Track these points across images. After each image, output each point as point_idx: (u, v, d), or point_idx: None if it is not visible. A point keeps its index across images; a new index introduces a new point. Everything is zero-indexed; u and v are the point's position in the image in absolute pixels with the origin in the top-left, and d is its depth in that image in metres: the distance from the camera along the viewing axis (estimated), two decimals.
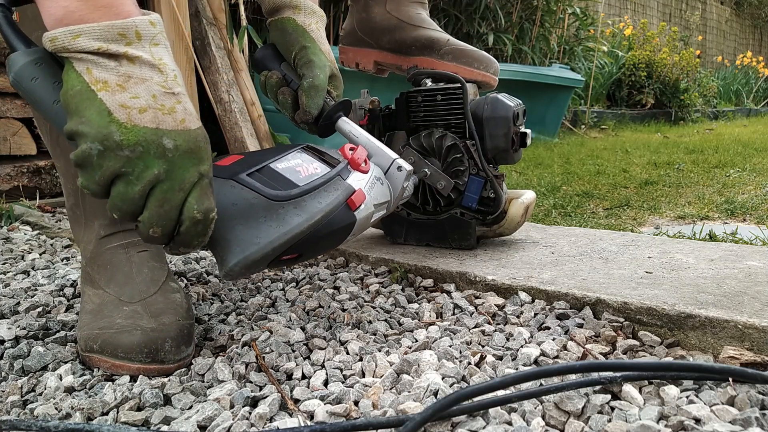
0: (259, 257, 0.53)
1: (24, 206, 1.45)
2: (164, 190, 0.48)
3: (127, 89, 0.46)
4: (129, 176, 0.47)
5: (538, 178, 1.99)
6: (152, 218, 0.48)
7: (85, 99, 0.46)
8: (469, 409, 0.49)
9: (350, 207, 0.62)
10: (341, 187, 0.61)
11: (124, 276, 0.69)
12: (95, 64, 0.46)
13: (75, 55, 0.46)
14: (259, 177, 0.57)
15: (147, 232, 0.49)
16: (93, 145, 0.45)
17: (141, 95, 0.47)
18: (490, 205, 0.90)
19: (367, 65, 1.08)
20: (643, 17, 7.30)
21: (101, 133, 0.45)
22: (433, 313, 0.74)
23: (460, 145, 0.89)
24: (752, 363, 0.56)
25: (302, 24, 0.76)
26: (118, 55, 0.46)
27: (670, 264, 0.80)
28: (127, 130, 0.46)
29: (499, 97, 0.89)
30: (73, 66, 0.46)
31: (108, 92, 0.46)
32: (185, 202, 0.49)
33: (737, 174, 2.01)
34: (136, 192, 0.47)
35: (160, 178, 0.47)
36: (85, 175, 0.47)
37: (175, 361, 0.61)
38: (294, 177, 0.59)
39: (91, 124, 0.45)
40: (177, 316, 0.65)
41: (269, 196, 0.55)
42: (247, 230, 0.53)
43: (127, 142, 0.45)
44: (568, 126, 3.81)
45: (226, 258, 0.53)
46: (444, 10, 3.05)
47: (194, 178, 0.49)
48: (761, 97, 6.78)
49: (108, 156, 0.46)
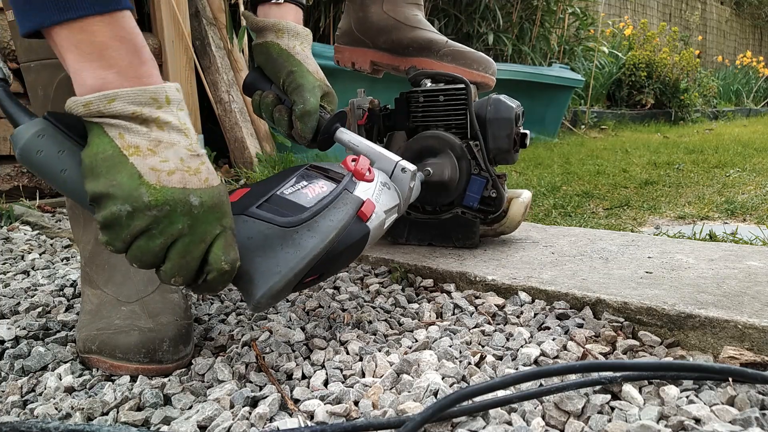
0: (283, 285, 0.54)
1: (24, 206, 1.45)
2: (186, 243, 0.50)
3: (158, 153, 0.48)
4: (152, 231, 0.48)
5: (538, 178, 1.99)
6: (174, 269, 0.50)
7: (117, 163, 0.47)
8: (469, 410, 0.49)
9: (361, 219, 0.62)
10: (349, 200, 0.62)
11: (121, 275, 0.69)
12: (127, 130, 0.48)
13: (107, 120, 0.48)
14: (269, 207, 0.58)
15: (169, 281, 0.51)
16: (123, 207, 0.47)
17: (170, 159, 0.49)
18: (492, 204, 0.90)
19: (364, 65, 1.08)
20: (643, 17, 7.30)
21: (131, 195, 0.47)
22: (433, 313, 0.74)
23: (463, 146, 0.89)
24: (752, 363, 0.56)
25: (286, 48, 0.77)
26: (150, 120, 0.49)
27: (670, 264, 0.80)
28: (156, 191, 0.47)
29: (501, 98, 0.89)
30: (104, 131, 0.48)
31: (139, 156, 0.48)
32: (209, 253, 0.51)
33: (737, 174, 2.01)
34: (157, 245, 0.49)
35: (183, 232, 0.49)
36: (111, 234, 0.49)
37: (173, 361, 0.61)
38: (302, 200, 0.59)
39: (122, 187, 0.47)
40: (175, 315, 0.65)
41: (281, 224, 0.56)
42: (267, 261, 0.54)
43: (155, 202, 0.47)
44: (568, 126, 3.81)
45: (252, 292, 0.54)
46: (444, 10, 3.05)
47: (217, 231, 0.51)
48: (761, 97, 6.78)
49: (137, 216, 0.47)
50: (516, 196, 0.94)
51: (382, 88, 1.94)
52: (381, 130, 0.95)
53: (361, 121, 0.94)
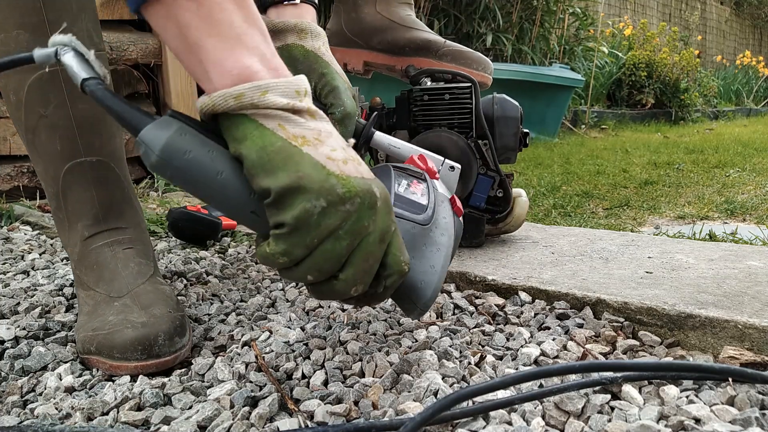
0: (441, 283, 0.53)
1: (24, 206, 1.45)
2: (370, 243, 0.43)
3: (324, 143, 0.43)
4: (338, 231, 0.42)
5: (538, 178, 1.99)
6: (357, 275, 0.44)
7: (294, 154, 0.41)
8: (470, 411, 0.49)
9: (457, 214, 0.61)
10: (442, 198, 0.60)
11: (110, 273, 0.69)
12: (286, 120, 0.42)
13: (262, 112, 0.41)
14: (401, 206, 0.55)
15: (348, 292, 0.45)
16: (316, 203, 0.40)
17: (337, 147, 0.43)
18: (499, 204, 0.90)
19: (357, 66, 1.07)
20: (643, 17, 7.30)
21: (324, 187, 0.41)
22: (433, 313, 0.74)
23: (472, 145, 0.89)
24: (752, 363, 0.56)
25: (312, 49, 0.72)
26: (303, 110, 0.43)
27: (670, 264, 0.80)
28: (346, 181, 0.41)
29: (506, 97, 0.89)
30: (260, 123, 0.41)
31: (311, 147, 0.42)
32: (387, 255, 0.46)
33: (737, 174, 2.01)
34: (344, 248, 0.42)
35: (369, 230, 0.43)
36: (293, 239, 0.41)
37: (171, 353, 0.61)
38: (416, 198, 0.57)
39: (311, 178, 0.40)
40: (168, 307, 0.65)
41: (420, 222, 0.54)
42: (421, 261, 0.52)
43: (349, 194, 0.41)
44: (568, 126, 3.81)
45: (417, 296, 0.51)
46: (444, 10, 3.05)
47: (392, 227, 0.45)
48: (761, 97, 6.78)
49: (330, 213, 0.41)
50: (518, 195, 0.94)
51: (382, 88, 1.94)
52: (384, 129, 0.94)
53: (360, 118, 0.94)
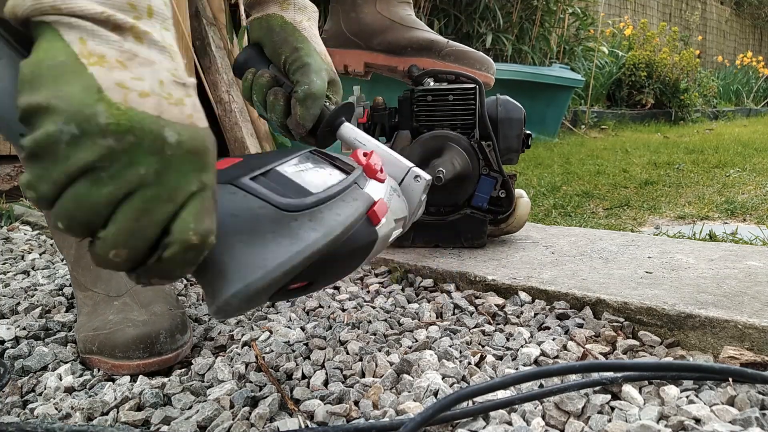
0: (265, 285, 0.41)
1: (24, 206, 1.45)
2: (147, 197, 0.34)
3: (129, 68, 0.34)
4: (100, 173, 0.33)
5: (538, 178, 1.99)
6: (119, 235, 0.34)
7: (69, 72, 0.33)
8: (470, 411, 0.49)
9: (371, 221, 0.51)
10: (360, 197, 0.50)
11: (108, 272, 0.68)
12: (92, 35, 0.34)
13: (64, 19, 0.33)
14: (265, 182, 0.45)
15: (106, 254, 0.35)
16: (65, 127, 0.32)
17: (145, 78, 0.35)
18: (501, 204, 0.90)
19: (357, 67, 1.06)
20: (643, 17, 7.30)
21: (81, 111, 0.32)
22: (433, 313, 0.74)
23: (475, 146, 0.89)
24: (752, 363, 0.56)
25: (292, 21, 0.67)
26: (125, 27, 0.35)
27: (670, 264, 0.80)
28: (120, 113, 0.33)
29: (509, 98, 0.89)
30: (58, 33, 0.33)
31: (103, 68, 0.34)
32: (175, 218, 0.35)
33: (737, 174, 2.01)
34: (104, 196, 0.33)
35: (145, 181, 0.34)
36: (38, 169, 0.33)
37: (172, 351, 0.61)
38: (306, 183, 0.47)
39: (69, 99, 0.32)
40: (168, 305, 0.64)
41: (280, 205, 0.43)
42: (252, 249, 0.41)
43: (115, 127, 0.33)
44: (568, 126, 3.81)
45: (221, 288, 0.40)
46: (444, 10, 3.05)
47: (193, 188, 0.36)
48: (761, 97, 6.78)
49: (83, 144, 0.32)
50: (519, 195, 0.94)
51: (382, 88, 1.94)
52: (386, 129, 0.93)
53: (362, 119, 0.92)
